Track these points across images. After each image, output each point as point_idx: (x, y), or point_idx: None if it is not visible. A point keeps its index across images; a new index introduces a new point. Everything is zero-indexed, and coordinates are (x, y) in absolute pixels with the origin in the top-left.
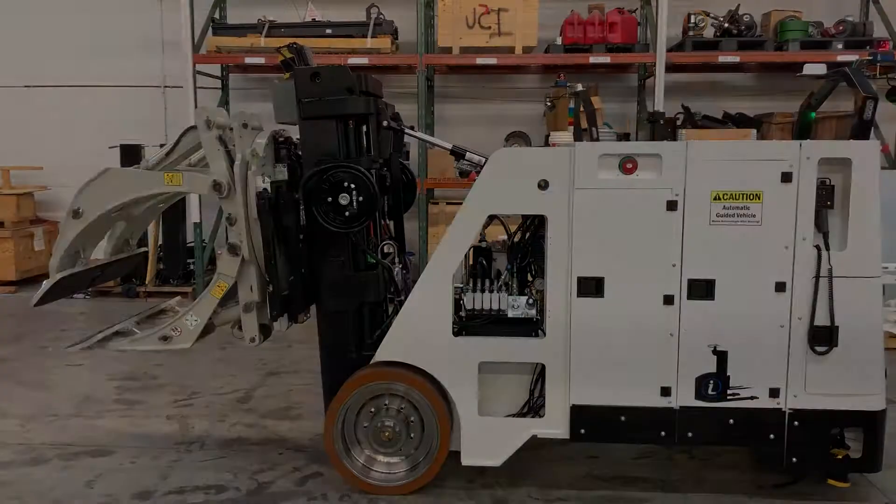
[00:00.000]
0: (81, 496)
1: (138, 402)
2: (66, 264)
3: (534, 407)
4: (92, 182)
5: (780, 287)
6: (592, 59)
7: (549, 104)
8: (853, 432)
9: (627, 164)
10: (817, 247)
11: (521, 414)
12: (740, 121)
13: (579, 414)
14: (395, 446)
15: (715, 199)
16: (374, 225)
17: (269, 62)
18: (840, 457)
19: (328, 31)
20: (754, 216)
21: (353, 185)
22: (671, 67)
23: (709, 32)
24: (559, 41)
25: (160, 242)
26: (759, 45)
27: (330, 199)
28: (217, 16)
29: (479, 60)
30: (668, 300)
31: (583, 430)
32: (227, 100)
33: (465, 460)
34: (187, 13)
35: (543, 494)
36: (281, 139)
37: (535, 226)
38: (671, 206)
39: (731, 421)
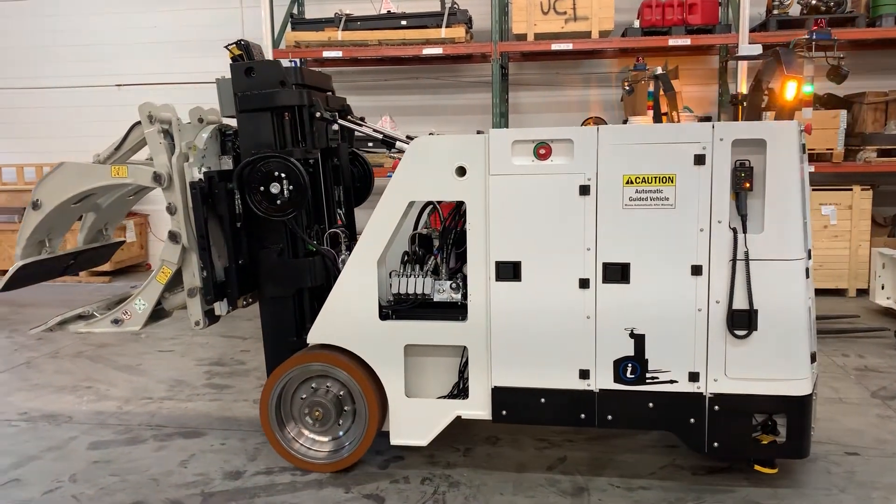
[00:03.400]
0: (176, 474)
1: (226, 386)
2: (31, 253)
3: (463, 389)
4: (49, 175)
5: (697, 270)
6: (671, 42)
7: (627, 88)
8: (779, 417)
9: (541, 150)
10: (733, 229)
11: (451, 395)
12: (828, 102)
13: (500, 395)
14: (326, 425)
15: (627, 182)
16: (329, 213)
17: (346, 55)
18: (765, 442)
19: (403, 22)
20: (668, 199)
21: (283, 175)
22: None
23: (794, 10)
24: (636, 24)
25: None
26: (849, 22)
27: (262, 187)
28: (295, 11)
29: (555, 46)
30: (584, 284)
31: (504, 412)
32: None
33: (394, 440)
34: (267, 9)
35: (625, 483)
36: (229, 132)
37: (465, 212)
38: (584, 190)
39: (651, 404)
